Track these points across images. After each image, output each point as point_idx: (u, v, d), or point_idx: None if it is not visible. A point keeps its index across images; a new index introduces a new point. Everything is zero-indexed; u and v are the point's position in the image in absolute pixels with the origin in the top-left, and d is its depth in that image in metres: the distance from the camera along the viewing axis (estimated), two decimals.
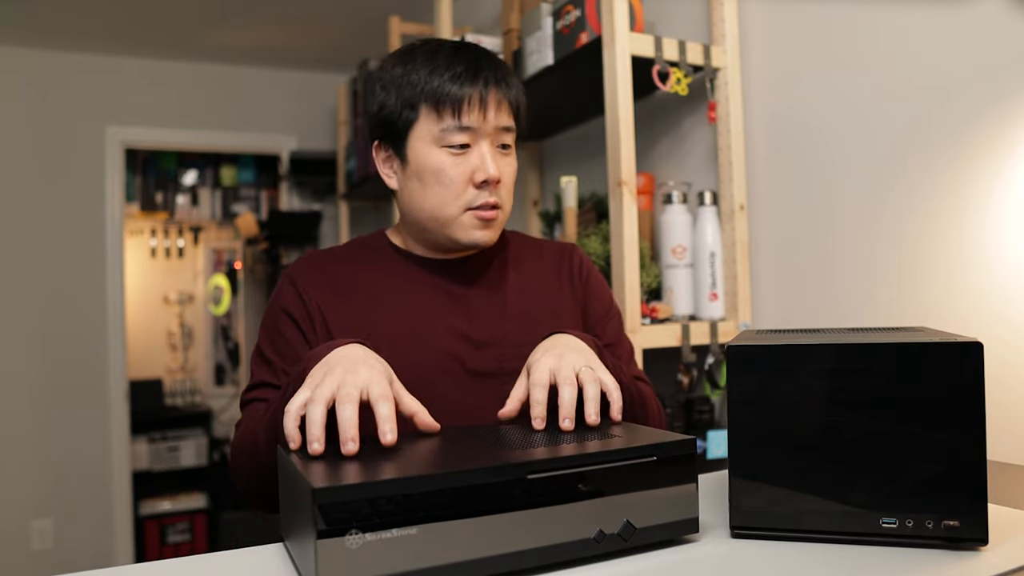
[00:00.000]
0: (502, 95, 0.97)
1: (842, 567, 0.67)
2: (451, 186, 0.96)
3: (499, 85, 0.97)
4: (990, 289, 1.10)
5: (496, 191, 0.98)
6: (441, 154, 0.96)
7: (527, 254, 1.12)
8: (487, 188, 0.97)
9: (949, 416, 0.70)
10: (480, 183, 0.96)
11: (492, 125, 0.96)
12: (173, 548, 3.83)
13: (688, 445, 0.74)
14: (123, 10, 3.01)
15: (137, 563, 0.89)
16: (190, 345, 4.59)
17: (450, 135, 0.95)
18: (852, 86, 1.33)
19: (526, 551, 0.65)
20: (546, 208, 2.20)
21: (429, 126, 0.96)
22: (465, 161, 0.96)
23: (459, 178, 0.96)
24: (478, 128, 0.96)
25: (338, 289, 1.01)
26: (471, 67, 0.96)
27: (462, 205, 0.97)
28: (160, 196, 4.43)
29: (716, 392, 1.55)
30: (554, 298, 1.08)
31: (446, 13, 2.18)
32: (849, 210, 1.34)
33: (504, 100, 0.98)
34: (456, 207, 0.97)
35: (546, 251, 1.14)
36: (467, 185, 0.96)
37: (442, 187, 0.96)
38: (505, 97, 0.98)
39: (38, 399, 3.30)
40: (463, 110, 0.95)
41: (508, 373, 0.99)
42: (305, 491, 0.61)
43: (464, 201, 0.97)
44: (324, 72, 3.86)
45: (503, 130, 0.98)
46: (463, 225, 0.98)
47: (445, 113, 0.95)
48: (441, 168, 0.96)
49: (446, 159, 0.96)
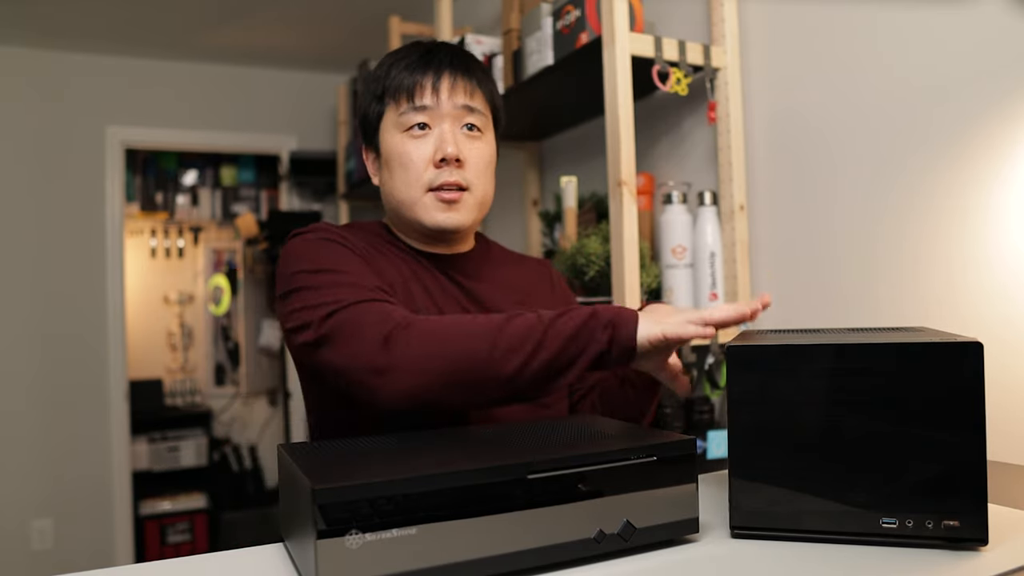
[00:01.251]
0: (459, 76, 0.99)
1: (842, 567, 0.67)
2: (412, 168, 0.98)
3: (455, 68, 0.99)
4: (991, 289, 1.10)
5: (460, 172, 0.98)
6: (404, 139, 0.99)
7: (508, 261, 1.15)
8: (447, 167, 0.98)
9: (949, 416, 0.70)
10: (439, 161, 0.97)
11: (450, 104, 0.98)
12: (173, 548, 3.83)
13: (688, 445, 0.74)
14: (123, 10, 3.01)
15: (137, 563, 0.89)
16: (190, 345, 4.59)
17: (407, 117, 0.98)
18: (852, 86, 1.33)
19: (526, 551, 0.65)
20: (546, 208, 2.20)
21: (392, 115, 1.00)
22: (425, 142, 0.98)
23: (419, 159, 0.98)
24: (434, 108, 0.98)
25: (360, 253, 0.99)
26: (425, 55, 1.00)
27: (423, 185, 0.98)
28: (160, 196, 4.43)
29: (716, 392, 1.55)
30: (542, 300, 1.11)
31: (446, 13, 2.18)
32: (849, 210, 1.34)
33: (461, 80, 0.99)
34: (418, 188, 0.98)
35: (526, 262, 1.18)
36: (428, 165, 0.98)
37: (404, 170, 0.99)
38: (462, 78, 1.00)
39: (38, 399, 3.30)
40: (415, 92, 0.98)
41: None
42: (305, 491, 0.61)
43: (424, 181, 0.98)
44: (324, 72, 3.85)
45: (465, 109, 0.99)
46: (426, 206, 0.99)
47: (401, 99, 0.99)
48: (403, 151, 0.98)
49: (408, 142, 0.98)
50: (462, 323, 0.82)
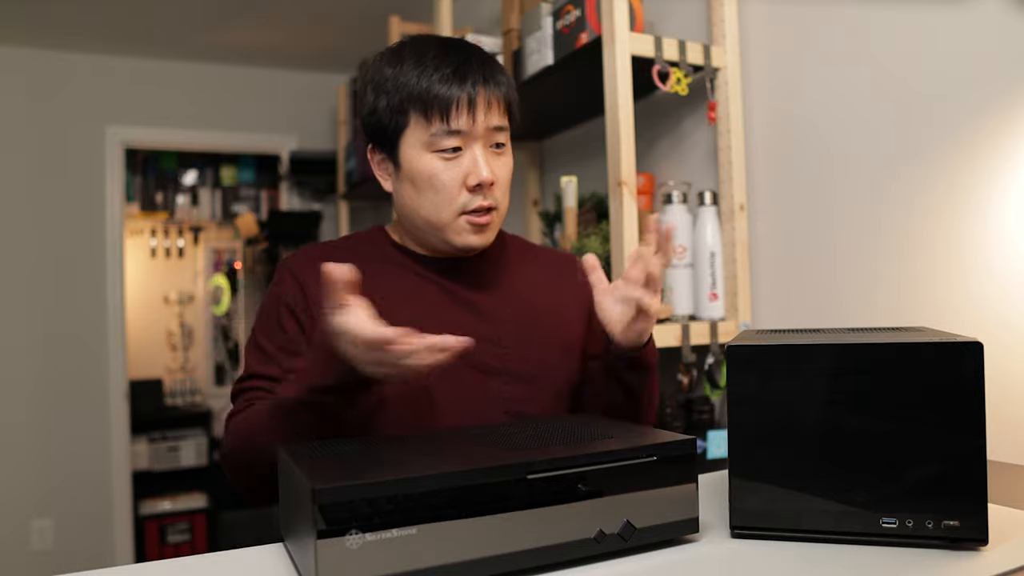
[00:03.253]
0: (491, 94, 0.95)
1: (842, 567, 0.67)
2: (444, 191, 0.94)
3: (487, 84, 0.95)
4: (990, 289, 1.10)
5: (490, 193, 0.97)
6: (433, 159, 0.94)
7: (526, 257, 1.12)
8: (481, 191, 0.95)
9: (949, 416, 0.70)
10: (474, 187, 0.94)
11: (483, 126, 0.94)
12: (173, 548, 3.83)
13: (688, 445, 0.74)
14: (123, 10, 3.01)
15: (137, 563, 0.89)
16: (190, 345, 4.59)
17: (440, 139, 0.93)
18: (852, 86, 1.33)
19: (526, 551, 0.65)
20: (546, 208, 2.20)
21: (419, 131, 0.94)
22: (457, 165, 0.94)
23: (452, 183, 0.94)
24: (469, 131, 0.94)
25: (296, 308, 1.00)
26: (459, 68, 0.94)
27: (456, 210, 0.95)
28: (160, 196, 4.43)
29: (716, 392, 1.55)
30: (555, 299, 1.08)
31: (446, 13, 2.18)
32: (849, 210, 1.34)
33: (494, 99, 0.95)
34: (450, 212, 0.95)
35: (545, 256, 1.14)
36: (460, 189, 0.95)
37: (435, 192, 0.95)
38: (495, 96, 0.95)
39: (38, 399, 3.30)
40: (451, 114, 0.92)
41: (509, 372, 0.99)
42: (305, 491, 0.61)
43: (458, 205, 0.95)
44: (324, 72, 3.85)
45: (495, 130, 0.96)
46: (457, 229, 0.97)
47: (434, 117, 0.93)
48: (433, 173, 0.94)
49: (438, 164, 0.94)
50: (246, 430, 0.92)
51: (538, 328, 1.03)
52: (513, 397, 0.99)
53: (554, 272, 1.11)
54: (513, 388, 0.99)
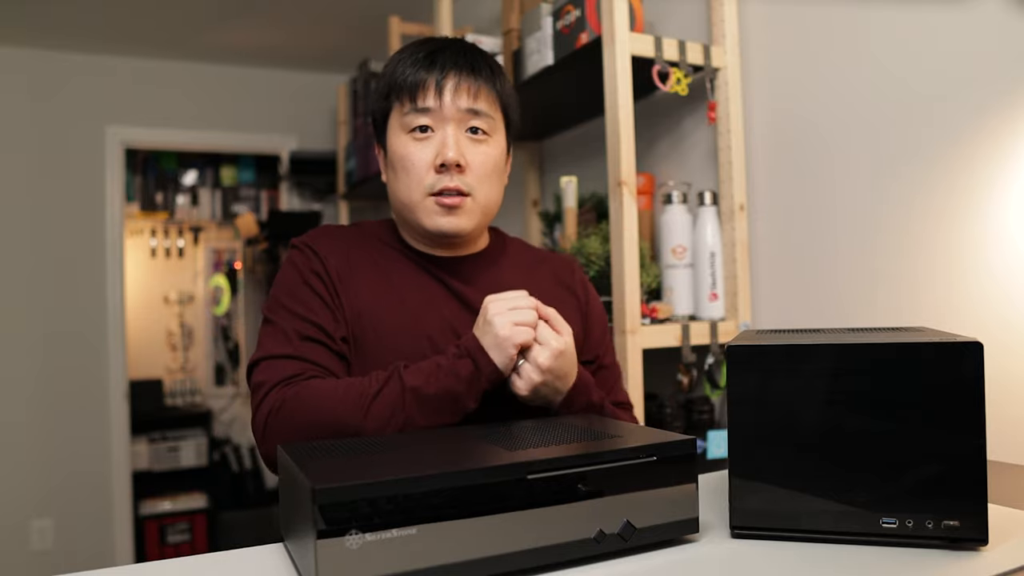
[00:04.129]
0: (466, 78, 0.97)
1: (842, 567, 0.67)
2: (413, 171, 0.97)
3: (460, 69, 0.97)
4: (990, 289, 1.10)
5: (461, 176, 0.97)
6: (407, 140, 0.98)
7: (526, 259, 1.12)
8: (447, 172, 0.96)
9: (949, 416, 0.70)
10: (439, 167, 0.96)
11: (454, 107, 0.96)
12: (173, 548, 3.82)
13: (688, 445, 0.74)
14: (123, 10, 3.01)
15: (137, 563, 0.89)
16: (190, 345, 4.59)
17: (410, 118, 0.97)
18: (852, 86, 1.33)
19: (526, 551, 0.65)
20: (546, 208, 2.20)
21: (398, 115, 0.99)
22: (428, 146, 0.97)
23: (421, 163, 0.97)
24: (437, 110, 0.96)
25: (352, 264, 1.01)
26: (431, 54, 0.98)
27: (424, 190, 0.97)
28: (160, 196, 4.43)
29: (716, 392, 1.55)
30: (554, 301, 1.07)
31: (446, 13, 2.18)
32: (849, 210, 1.34)
33: (469, 83, 0.97)
34: (419, 192, 0.97)
35: (546, 260, 1.14)
36: (429, 170, 0.97)
37: (406, 173, 0.98)
38: (470, 80, 0.97)
39: (38, 399, 3.30)
40: (418, 93, 0.96)
41: None
42: (305, 491, 0.61)
43: (426, 186, 0.97)
44: (324, 72, 3.85)
45: (470, 113, 0.97)
46: (426, 211, 0.98)
47: (405, 98, 0.97)
48: (406, 153, 0.97)
49: (410, 145, 0.97)
50: (336, 396, 0.87)
51: None
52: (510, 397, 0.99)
53: (554, 276, 1.12)
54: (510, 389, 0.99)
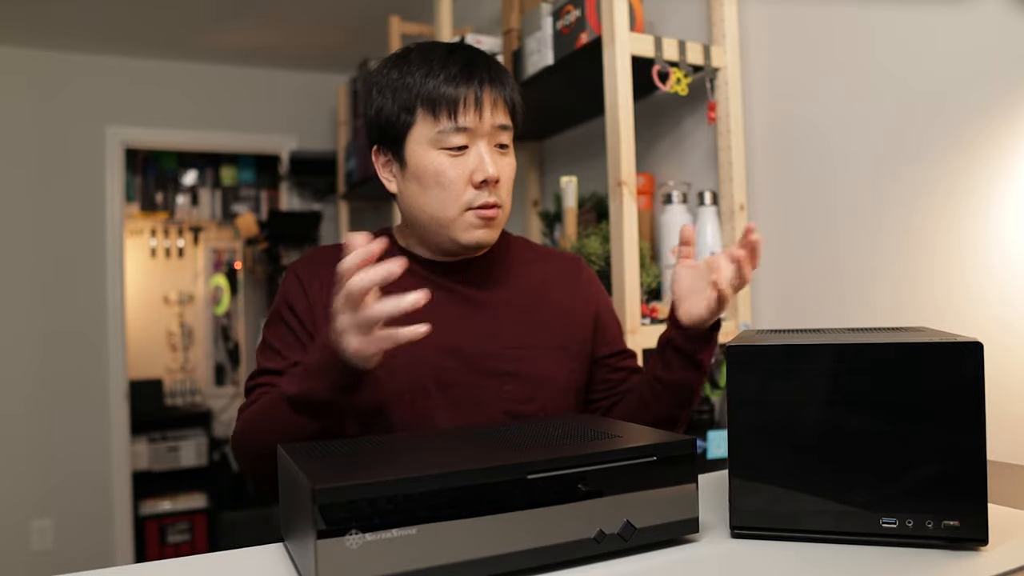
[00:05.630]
0: (497, 94, 0.97)
1: (842, 567, 0.67)
2: (450, 187, 0.96)
3: (494, 84, 0.97)
4: (990, 289, 1.10)
5: (495, 191, 0.98)
6: (439, 156, 0.96)
7: (531, 258, 1.12)
8: (486, 188, 0.97)
9: (949, 416, 0.70)
10: (479, 183, 0.96)
11: (489, 124, 0.97)
12: (173, 548, 3.82)
13: (688, 445, 0.74)
14: (124, 10, 3.01)
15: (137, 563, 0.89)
16: (190, 345, 4.59)
17: (447, 137, 0.95)
18: (852, 86, 1.33)
19: (526, 551, 0.65)
20: (546, 208, 2.20)
21: (426, 129, 0.96)
22: (463, 162, 0.96)
23: (458, 179, 0.96)
24: (475, 128, 0.96)
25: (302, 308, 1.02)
26: (465, 67, 0.96)
27: (462, 206, 0.97)
28: (160, 196, 4.43)
29: (716, 392, 1.55)
30: (559, 303, 1.08)
31: (446, 13, 2.18)
32: (849, 210, 1.34)
33: (500, 99, 0.98)
34: (456, 208, 0.97)
35: (551, 258, 1.14)
36: (466, 186, 0.96)
37: (441, 189, 0.96)
38: (500, 96, 0.98)
39: (38, 399, 3.30)
40: (459, 111, 0.95)
41: (510, 373, 0.99)
42: (305, 491, 0.61)
43: (464, 202, 0.97)
44: (324, 72, 3.85)
45: (500, 129, 0.98)
46: (464, 225, 0.98)
47: (441, 115, 0.95)
48: (440, 170, 0.96)
49: (444, 161, 0.96)
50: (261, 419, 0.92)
51: (542, 328, 1.03)
52: (514, 397, 0.99)
53: (559, 273, 1.11)
54: (515, 388, 0.99)
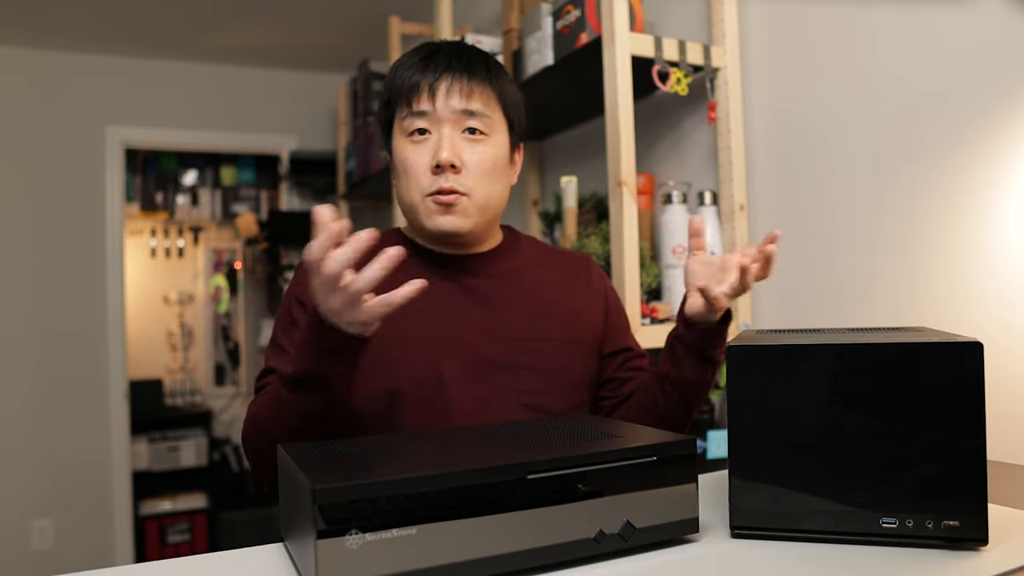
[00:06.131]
0: (457, 80, 0.98)
1: (842, 567, 0.67)
2: (412, 173, 0.98)
3: (455, 70, 0.98)
4: (990, 289, 1.10)
5: (457, 177, 0.97)
6: (406, 144, 0.99)
7: (540, 256, 1.12)
8: (442, 172, 0.97)
9: (949, 416, 0.70)
10: (434, 167, 0.97)
11: (448, 109, 0.97)
12: (173, 548, 3.82)
13: (688, 445, 0.74)
14: (124, 10, 3.01)
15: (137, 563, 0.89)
16: (190, 345, 4.59)
17: (408, 122, 0.99)
18: (852, 86, 1.33)
19: (526, 551, 0.65)
20: (546, 208, 2.20)
21: (398, 120, 1.01)
22: (424, 148, 0.98)
23: (418, 165, 0.98)
24: (431, 113, 0.97)
25: None
26: (426, 57, 0.99)
27: (422, 192, 0.98)
28: (160, 196, 4.43)
29: (716, 392, 1.55)
30: (569, 300, 1.08)
31: (446, 13, 2.18)
32: (849, 210, 1.34)
33: (459, 84, 0.97)
34: (418, 194, 0.98)
35: (561, 257, 1.14)
36: (426, 171, 0.98)
37: (407, 176, 0.99)
38: (462, 82, 0.98)
39: (38, 399, 3.30)
40: (413, 97, 0.98)
41: (519, 366, 0.99)
42: (305, 491, 0.61)
43: (423, 187, 0.98)
44: (324, 72, 3.85)
45: (465, 114, 0.98)
46: (426, 211, 0.99)
47: (402, 102, 0.99)
48: (404, 156, 0.99)
49: (408, 148, 0.99)
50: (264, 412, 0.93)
51: (553, 323, 1.04)
52: (529, 390, 0.99)
53: (569, 272, 1.12)
54: (529, 381, 0.99)
